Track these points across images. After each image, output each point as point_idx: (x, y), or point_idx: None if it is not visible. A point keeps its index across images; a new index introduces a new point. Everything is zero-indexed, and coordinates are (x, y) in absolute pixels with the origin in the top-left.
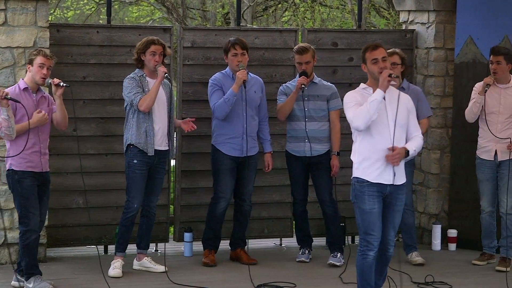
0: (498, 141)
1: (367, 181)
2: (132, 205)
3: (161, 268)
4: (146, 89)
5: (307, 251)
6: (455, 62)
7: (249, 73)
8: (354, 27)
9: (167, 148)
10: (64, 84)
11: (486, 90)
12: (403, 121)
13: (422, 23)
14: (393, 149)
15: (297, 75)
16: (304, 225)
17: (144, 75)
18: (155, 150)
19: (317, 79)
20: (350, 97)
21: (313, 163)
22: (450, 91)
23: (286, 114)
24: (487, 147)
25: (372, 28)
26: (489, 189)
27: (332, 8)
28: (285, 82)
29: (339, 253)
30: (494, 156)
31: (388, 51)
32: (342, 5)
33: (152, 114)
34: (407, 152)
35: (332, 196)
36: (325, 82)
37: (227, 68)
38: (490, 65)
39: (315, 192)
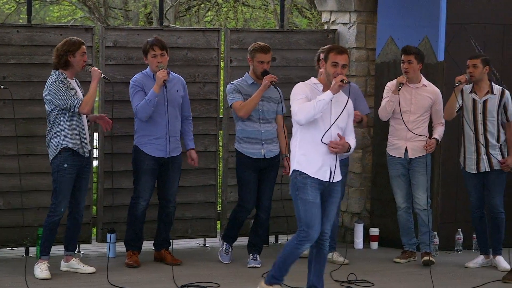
0: (409, 139)
1: (306, 174)
2: (59, 209)
3: (90, 269)
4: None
5: (230, 248)
6: (376, 62)
7: (171, 72)
8: (277, 27)
9: (90, 148)
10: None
11: (400, 89)
12: (342, 124)
13: (344, 24)
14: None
15: (246, 74)
16: (241, 227)
17: (66, 76)
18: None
19: None
20: (299, 89)
21: (265, 166)
22: (371, 90)
23: (251, 112)
24: (397, 144)
25: (295, 28)
26: (401, 185)
27: (254, 8)
28: (209, 82)
29: (258, 255)
30: (405, 154)
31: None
32: (264, 5)
33: (82, 116)
34: (349, 149)
35: (270, 201)
36: (273, 86)
37: (148, 69)
38: (402, 64)
39: (258, 195)
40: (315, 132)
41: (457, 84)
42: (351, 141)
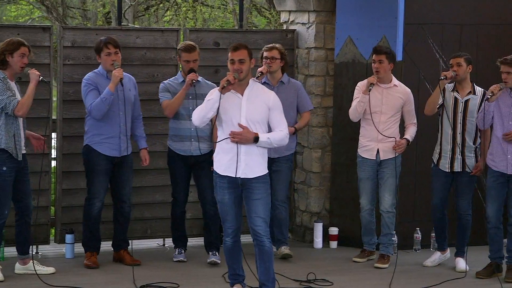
0: (380, 140)
1: (218, 173)
2: (3, 212)
3: (50, 270)
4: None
5: (183, 251)
6: (335, 62)
7: (123, 71)
8: (236, 27)
9: (25, 151)
10: None
11: (370, 89)
12: (257, 118)
13: (303, 23)
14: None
15: (178, 73)
16: (182, 225)
17: (6, 77)
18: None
19: (200, 78)
20: (209, 94)
21: (197, 162)
22: (330, 90)
23: (175, 110)
24: (369, 146)
25: (254, 28)
26: (369, 188)
27: (213, 8)
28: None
29: (217, 252)
30: (376, 155)
31: (268, 45)
32: (223, 5)
33: (18, 119)
34: (256, 138)
35: (214, 195)
36: (207, 81)
37: (100, 68)
38: (373, 64)
39: (197, 192)
40: (226, 129)
41: (442, 78)
42: (277, 132)
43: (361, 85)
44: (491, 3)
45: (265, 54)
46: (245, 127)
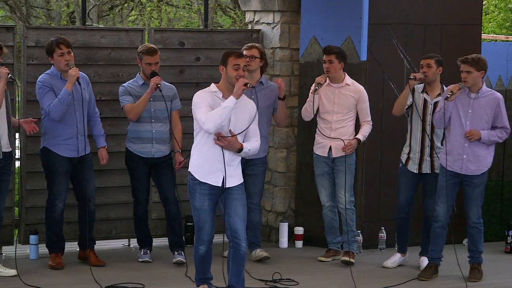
0: (332, 138)
1: (197, 180)
2: None
3: (12, 272)
4: None
5: (148, 251)
6: (300, 62)
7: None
8: (201, 27)
9: (10, 149)
10: None
11: (317, 89)
12: (241, 127)
13: (268, 23)
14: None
15: (137, 75)
16: (145, 225)
17: None
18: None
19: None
20: (200, 97)
21: (157, 163)
22: (295, 90)
23: (140, 114)
24: (322, 143)
25: (219, 28)
26: (325, 184)
27: (178, 7)
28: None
29: (182, 251)
30: (328, 152)
31: (248, 44)
32: (188, 4)
33: None
34: (240, 150)
35: (175, 194)
36: (165, 83)
37: (53, 68)
38: (323, 64)
39: (158, 191)
40: (211, 136)
41: (411, 78)
42: (253, 143)
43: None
44: (454, 4)
45: (244, 52)
46: (235, 136)
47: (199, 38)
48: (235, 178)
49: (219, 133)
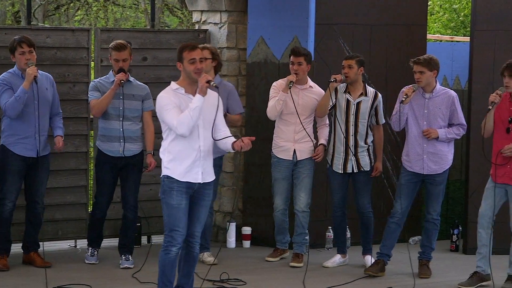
0: (297, 140)
1: (174, 179)
2: None
3: None
4: None
5: (96, 252)
6: (247, 62)
7: (39, 70)
8: (148, 27)
9: None
10: None
11: (290, 87)
12: (210, 118)
13: (215, 23)
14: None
15: (110, 72)
16: (100, 226)
17: None
18: None
19: (131, 78)
20: (166, 99)
21: (126, 164)
22: (243, 90)
23: (103, 110)
24: (285, 146)
25: (166, 28)
26: (284, 188)
27: (125, 7)
28: (79, 82)
29: (130, 256)
30: (293, 156)
31: (200, 45)
32: (135, 4)
33: None
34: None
35: (137, 200)
36: (138, 82)
37: (15, 67)
38: (291, 66)
39: (121, 193)
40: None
41: (331, 80)
42: (233, 138)
43: (277, 84)
44: (400, 4)
45: None
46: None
47: (146, 38)
48: (210, 173)
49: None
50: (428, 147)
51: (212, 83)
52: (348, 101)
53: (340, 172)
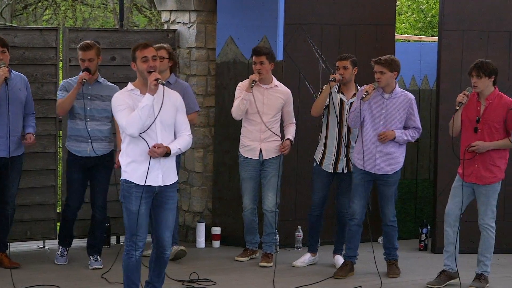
0: (263, 140)
1: (135, 183)
2: None
3: None
4: None
5: (66, 252)
6: (216, 62)
7: (12, 70)
8: (116, 27)
9: None
10: None
11: (253, 86)
12: (170, 120)
13: (184, 23)
14: (155, 146)
15: (80, 72)
16: (71, 227)
17: None
18: None
19: (101, 79)
20: (119, 100)
21: (95, 165)
22: (212, 90)
23: (67, 110)
24: (251, 146)
25: (135, 27)
26: (251, 187)
27: (93, 7)
28: (48, 82)
29: (98, 256)
30: (259, 155)
31: (155, 46)
32: (104, 4)
33: None
34: (167, 154)
35: (105, 200)
36: (108, 83)
37: None
38: (253, 65)
39: (90, 194)
40: (141, 136)
41: (331, 80)
42: (184, 136)
43: (242, 85)
44: (368, 4)
45: None
46: (160, 144)
47: (115, 38)
48: (171, 175)
49: (148, 150)
50: (381, 146)
51: (160, 80)
52: (342, 101)
53: (330, 171)
